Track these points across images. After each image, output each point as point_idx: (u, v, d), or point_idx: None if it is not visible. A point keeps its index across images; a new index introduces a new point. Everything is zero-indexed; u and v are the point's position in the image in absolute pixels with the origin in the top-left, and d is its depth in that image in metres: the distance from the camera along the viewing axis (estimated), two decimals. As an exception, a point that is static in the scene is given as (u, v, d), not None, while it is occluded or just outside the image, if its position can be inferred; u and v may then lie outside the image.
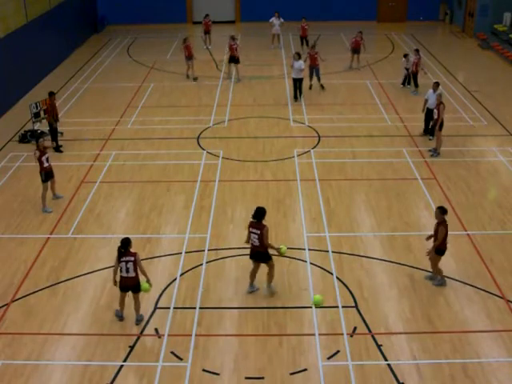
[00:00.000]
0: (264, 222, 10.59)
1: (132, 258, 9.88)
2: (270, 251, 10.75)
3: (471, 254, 12.16)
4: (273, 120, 19.58)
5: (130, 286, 10.08)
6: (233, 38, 23.93)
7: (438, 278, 11.18)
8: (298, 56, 20.92)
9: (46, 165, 13.79)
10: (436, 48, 28.69)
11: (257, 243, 10.60)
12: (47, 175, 13.90)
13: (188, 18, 35.04)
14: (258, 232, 10.51)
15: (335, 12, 33.58)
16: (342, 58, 26.26)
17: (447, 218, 10.89)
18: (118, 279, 10.17)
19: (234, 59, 23.79)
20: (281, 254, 10.99)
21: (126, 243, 9.95)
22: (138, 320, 10.35)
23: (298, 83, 21.15)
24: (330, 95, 21.96)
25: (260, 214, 10.59)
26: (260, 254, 10.72)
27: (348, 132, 18.39)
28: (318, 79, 22.37)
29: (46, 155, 13.84)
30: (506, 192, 14.69)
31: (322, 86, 22.48)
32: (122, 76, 24.96)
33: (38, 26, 24.35)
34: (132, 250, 10.03)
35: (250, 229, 10.63)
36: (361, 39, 24.56)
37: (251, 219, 10.69)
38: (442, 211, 10.80)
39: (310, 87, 22.39)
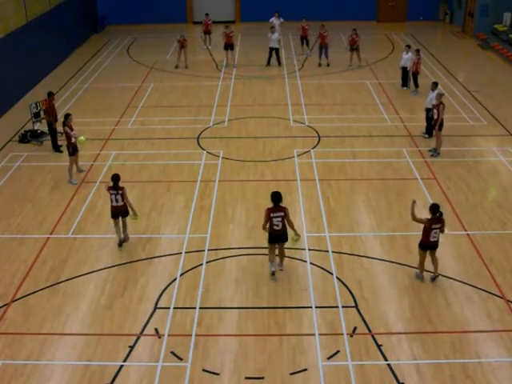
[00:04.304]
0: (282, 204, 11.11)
1: (120, 192, 12.20)
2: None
3: (471, 253, 12.16)
4: (273, 120, 19.59)
5: (119, 212, 12.35)
6: (227, 27, 26.25)
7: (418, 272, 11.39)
8: (274, 29, 25.57)
9: (73, 140, 15.23)
10: (436, 48, 28.70)
11: (280, 226, 11.05)
12: (74, 149, 15.30)
13: (188, 18, 35.06)
14: (282, 214, 11.00)
15: (335, 12, 33.58)
16: (341, 57, 26.27)
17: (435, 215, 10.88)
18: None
19: (229, 46, 25.90)
20: (294, 240, 11.25)
21: (116, 179, 12.20)
22: (125, 240, 12.58)
23: (273, 52, 25.48)
24: (330, 95, 21.98)
25: (279, 197, 11.06)
26: (280, 235, 11.18)
27: (348, 132, 18.39)
28: (326, 56, 25.56)
29: (74, 131, 15.30)
30: (505, 192, 14.69)
31: (328, 64, 25.63)
32: (122, 76, 24.97)
33: (38, 26, 24.34)
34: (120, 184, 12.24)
35: (272, 214, 10.98)
36: (356, 36, 24.70)
37: (271, 205, 11.06)
38: (430, 208, 10.91)
39: (320, 65, 25.67)
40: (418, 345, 9.72)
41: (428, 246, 10.99)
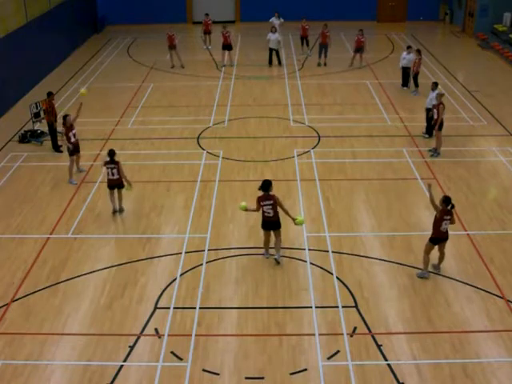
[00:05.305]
0: (272, 193, 11.48)
1: (116, 166, 13.22)
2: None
3: (471, 253, 12.16)
4: (273, 120, 19.59)
5: (115, 184, 13.46)
6: (224, 27, 25.98)
7: (422, 269, 11.43)
8: (275, 29, 25.42)
9: (73, 140, 15.22)
10: (436, 48, 28.71)
11: (271, 214, 11.46)
12: (74, 149, 15.27)
13: (188, 18, 35.05)
14: (271, 202, 11.40)
15: (335, 12, 33.54)
16: (341, 57, 26.29)
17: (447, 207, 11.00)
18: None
19: (227, 46, 25.87)
20: (296, 224, 11.65)
21: (112, 153, 13.18)
22: (121, 211, 13.73)
23: (273, 52, 25.50)
24: (330, 95, 21.98)
25: (267, 185, 11.41)
26: (273, 223, 11.59)
27: (348, 132, 18.39)
28: (325, 56, 25.49)
29: (74, 131, 15.30)
30: (505, 192, 14.70)
31: (325, 64, 25.56)
32: (122, 76, 24.97)
33: (38, 26, 24.33)
34: (116, 159, 13.27)
35: (262, 202, 11.43)
36: (362, 36, 24.66)
37: (260, 193, 11.46)
38: (442, 200, 11.02)
39: (319, 64, 25.70)
40: (418, 345, 9.72)
41: (439, 238, 11.08)
